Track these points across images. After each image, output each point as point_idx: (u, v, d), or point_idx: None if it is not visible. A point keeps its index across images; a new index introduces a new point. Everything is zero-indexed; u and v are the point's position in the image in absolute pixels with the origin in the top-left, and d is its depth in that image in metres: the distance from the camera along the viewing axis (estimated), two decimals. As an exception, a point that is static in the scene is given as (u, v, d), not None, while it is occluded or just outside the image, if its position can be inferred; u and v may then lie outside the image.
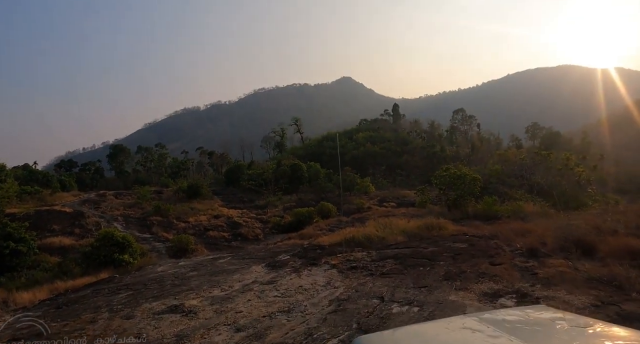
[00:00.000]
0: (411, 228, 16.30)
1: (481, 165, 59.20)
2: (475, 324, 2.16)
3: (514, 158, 56.40)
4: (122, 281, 11.72)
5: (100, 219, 31.81)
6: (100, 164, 78.43)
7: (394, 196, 44.96)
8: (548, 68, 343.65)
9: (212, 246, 25.45)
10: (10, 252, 20.84)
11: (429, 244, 12.33)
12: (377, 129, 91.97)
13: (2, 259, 20.71)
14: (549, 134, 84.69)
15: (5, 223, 22.97)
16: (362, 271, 9.74)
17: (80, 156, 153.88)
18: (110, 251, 18.83)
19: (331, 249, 13.18)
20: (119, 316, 7.57)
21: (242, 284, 9.52)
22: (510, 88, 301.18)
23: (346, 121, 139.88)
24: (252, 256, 14.68)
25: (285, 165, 54.57)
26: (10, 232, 21.61)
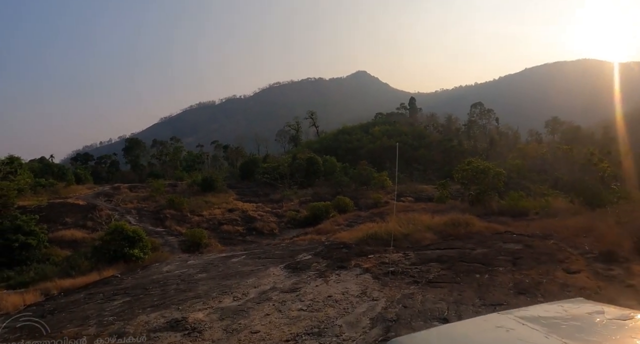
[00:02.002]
0: (436, 224, 15.26)
1: (500, 160, 57.09)
2: (511, 322, 2.09)
3: (534, 153, 55.26)
4: (121, 282, 10.39)
5: (113, 212, 31.01)
6: (116, 157, 78.19)
7: (412, 191, 43.38)
8: (567, 62, 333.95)
9: (226, 241, 24.54)
10: (19, 245, 20.39)
11: (476, 245, 10.68)
12: (394, 122, 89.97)
13: (12, 252, 20.24)
14: (570, 129, 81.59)
15: (15, 216, 22.59)
16: (403, 278, 8.19)
17: (97, 150, 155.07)
18: (121, 246, 17.92)
19: (358, 248, 11.62)
20: (108, 332, 6.15)
21: (258, 292, 8.04)
22: (528, 82, 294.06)
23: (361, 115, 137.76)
24: (268, 254, 13.14)
25: (300, 159, 53.39)
26: (20, 225, 21.19)
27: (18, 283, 16.91)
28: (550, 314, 2.27)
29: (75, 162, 72.40)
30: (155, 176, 55.93)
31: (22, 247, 20.47)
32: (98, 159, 76.31)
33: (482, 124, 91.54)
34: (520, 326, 2.03)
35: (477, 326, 2.20)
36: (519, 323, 2.07)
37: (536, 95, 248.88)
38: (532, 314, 2.25)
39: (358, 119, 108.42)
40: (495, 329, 2.04)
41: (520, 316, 2.19)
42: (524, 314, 2.25)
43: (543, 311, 2.34)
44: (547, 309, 2.39)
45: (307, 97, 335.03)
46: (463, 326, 2.40)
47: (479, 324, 2.24)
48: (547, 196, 23.51)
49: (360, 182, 44.69)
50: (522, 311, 2.37)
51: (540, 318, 2.17)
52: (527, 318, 2.16)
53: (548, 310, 2.37)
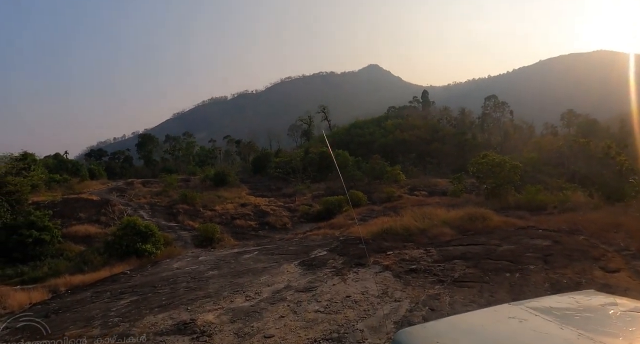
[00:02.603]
0: (452, 219, 14.88)
1: (515, 153, 56.15)
2: (523, 313, 2.06)
3: (550, 146, 54.47)
4: (130, 280, 10.04)
5: (126, 207, 30.94)
6: (129, 153, 78.53)
7: (425, 185, 42.85)
8: (582, 53, 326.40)
9: (239, 235, 24.30)
10: (33, 240, 20.28)
11: (500, 240, 10.07)
12: (406, 116, 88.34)
13: (26, 248, 20.17)
14: (586, 122, 79.63)
15: (29, 211, 22.60)
16: (427, 276, 7.65)
17: (110, 146, 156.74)
18: (133, 241, 17.89)
19: (376, 244, 11.09)
20: (112, 334, 5.76)
21: (271, 291, 7.59)
22: (543, 75, 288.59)
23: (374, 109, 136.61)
24: (282, 250, 12.69)
25: (313, 153, 53.02)
26: (33, 220, 21.18)
27: (32, 279, 16.94)
28: (563, 305, 2.24)
29: (89, 158, 72.90)
30: (168, 171, 56.00)
31: (36, 242, 20.37)
32: (112, 154, 76.67)
33: (496, 117, 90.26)
34: (533, 317, 2.01)
35: (490, 317, 2.16)
36: (532, 314, 2.05)
37: (551, 88, 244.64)
38: (543, 306, 2.21)
39: (370, 113, 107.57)
40: (508, 319, 2.02)
41: (532, 307, 2.17)
42: (536, 305, 2.22)
43: (555, 303, 2.30)
44: (559, 301, 2.35)
45: (318, 91, 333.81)
46: (474, 317, 2.34)
47: (491, 315, 2.19)
48: (565, 190, 22.76)
49: (373, 176, 44.31)
50: (533, 302, 2.32)
51: (552, 309, 2.14)
52: (539, 309, 2.13)
53: (560, 301, 2.33)
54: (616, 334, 1.81)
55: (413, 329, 2.20)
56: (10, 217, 21.58)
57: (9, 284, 15.83)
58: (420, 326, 2.24)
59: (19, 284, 15.30)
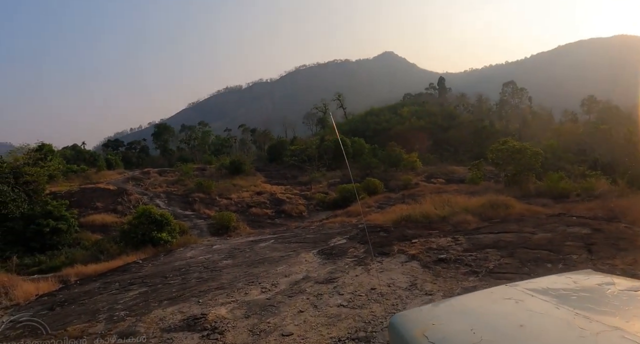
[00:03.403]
0: (473, 206, 14.53)
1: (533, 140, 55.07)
2: (519, 294, 2.04)
3: (570, 133, 54.04)
4: (141, 270, 9.63)
5: (142, 196, 30.93)
6: (146, 143, 79.01)
7: (442, 172, 42.52)
8: (603, 38, 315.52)
9: (255, 224, 24.06)
10: (50, 230, 20.36)
11: (534, 228, 9.35)
12: (422, 103, 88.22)
13: (43, 237, 20.24)
14: (606, 108, 77.48)
15: (46, 201, 22.65)
16: (458, 267, 7.01)
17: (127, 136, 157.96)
18: (148, 229, 17.76)
19: (399, 232, 10.47)
20: (116, 330, 5.29)
21: (289, 282, 7.05)
22: (562, 60, 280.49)
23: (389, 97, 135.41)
24: (299, 238, 12.15)
25: (328, 140, 52.40)
26: (50, 210, 21.29)
27: (49, 267, 16.95)
28: (559, 285, 2.20)
29: (106, 149, 73.48)
30: (184, 160, 56.18)
31: (53, 232, 20.45)
32: (128, 145, 77.28)
33: (514, 104, 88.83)
34: (530, 297, 2.00)
35: (485, 298, 2.13)
36: (528, 294, 2.04)
37: (570, 73, 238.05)
38: (540, 286, 2.18)
39: (386, 101, 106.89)
40: (503, 300, 2.01)
41: (529, 287, 2.14)
42: (532, 286, 2.18)
43: (551, 283, 2.25)
44: (556, 281, 2.30)
45: (333, 79, 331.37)
46: (470, 299, 2.28)
47: (487, 296, 2.15)
48: (588, 177, 22.19)
49: (390, 164, 43.91)
50: (529, 283, 2.27)
51: (549, 290, 2.11)
52: (536, 289, 2.10)
53: (556, 282, 2.28)
54: (613, 314, 1.77)
55: (409, 312, 2.17)
56: (27, 207, 21.56)
57: (27, 273, 15.85)
58: (417, 309, 2.21)
59: (37, 273, 15.32)
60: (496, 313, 1.92)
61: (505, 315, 1.87)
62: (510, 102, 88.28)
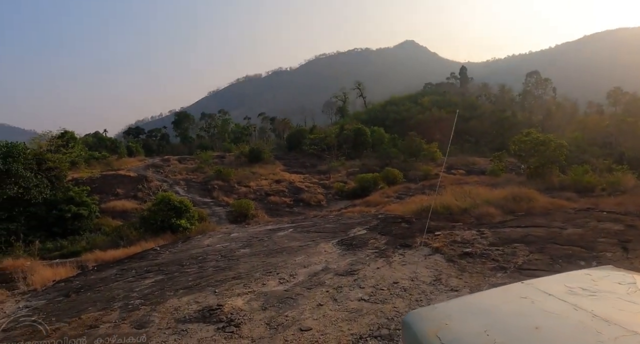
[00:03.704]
0: (495, 198, 14.11)
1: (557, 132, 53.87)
2: (535, 293, 2.00)
3: (595, 126, 52.72)
4: (158, 257, 9.53)
5: (162, 183, 31.18)
6: (166, 130, 79.83)
7: (463, 163, 42.10)
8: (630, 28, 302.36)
9: (273, 212, 24.04)
10: (72, 215, 20.66)
11: (564, 223, 8.89)
12: (443, 93, 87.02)
13: (65, 222, 20.58)
14: (634, 101, 74.82)
15: (67, 187, 22.96)
16: (484, 262, 6.66)
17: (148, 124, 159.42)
18: (167, 216, 17.80)
19: (421, 223, 10.11)
20: (130, 320, 5.15)
21: (308, 273, 6.80)
22: (588, 50, 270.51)
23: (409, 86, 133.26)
24: (318, 227, 11.92)
25: (348, 130, 52.03)
26: (72, 196, 21.61)
27: (71, 252, 17.18)
28: (577, 283, 2.12)
29: (127, 136, 74.47)
30: (203, 148, 56.51)
31: (75, 217, 20.76)
32: (149, 132, 78.14)
33: (538, 95, 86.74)
34: (546, 296, 1.94)
35: (501, 297, 2.07)
36: (544, 293, 1.98)
37: (596, 64, 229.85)
38: (557, 284, 2.11)
39: (406, 90, 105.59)
40: (519, 299, 1.95)
41: (545, 286, 2.09)
42: (549, 284, 2.13)
43: (569, 281, 2.18)
44: (574, 278, 2.24)
45: (353, 68, 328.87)
46: (485, 297, 2.22)
47: (503, 294, 2.11)
48: (614, 171, 21.79)
49: (409, 154, 43.63)
50: (546, 280, 2.22)
51: (566, 288, 2.03)
52: (553, 288, 2.04)
53: (574, 279, 2.21)
54: (633, 316, 1.70)
55: (423, 310, 2.15)
56: (50, 193, 21.88)
57: (49, 257, 16.11)
58: (431, 307, 2.17)
59: (58, 258, 15.55)
60: (511, 313, 1.86)
61: (520, 316, 1.82)
62: (533, 92, 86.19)
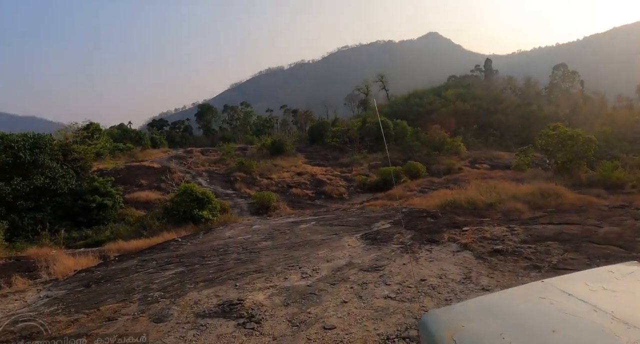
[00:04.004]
0: (522, 194, 13.80)
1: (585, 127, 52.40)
2: (555, 293, 1.91)
3: (625, 120, 51.82)
4: (179, 248, 9.45)
5: (185, 175, 31.44)
6: (189, 122, 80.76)
7: (487, 158, 41.25)
8: None
9: (295, 204, 23.91)
10: (96, 205, 20.93)
11: (599, 220, 8.40)
12: (468, 86, 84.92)
13: (90, 212, 20.86)
14: None
15: (92, 178, 23.31)
16: (517, 260, 6.30)
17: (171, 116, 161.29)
18: (190, 207, 17.89)
19: (447, 218, 9.76)
20: (148, 313, 5.02)
21: (331, 267, 6.57)
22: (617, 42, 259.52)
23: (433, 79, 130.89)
24: (341, 221, 11.66)
25: (370, 122, 51.45)
26: (97, 186, 21.87)
27: (95, 242, 17.44)
28: (599, 282, 2.00)
29: (151, 128, 75.47)
30: (226, 140, 56.88)
31: (99, 207, 21.05)
32: (172, 124, 79.14)
33: (565, 88, 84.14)
34: (566, 296, 1.86)
35: (519, 297, 1.96)
36: (564, 293, 1.90)
37: (626, 57, 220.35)
38: (578, 283, 2.01)
39: (429, 83, 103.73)
40: (538, 300, 1.87)
41: (565, 284, 1.99)
42: (570, 282, 2.02)
43: (591, 279, 2.05)
44: (595, 276, 2.11)
45: (376, 60, 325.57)
46: (503, 297, 2.08)
47: (521, 294, 1.99)
48: None
49: (433, 148, 43.25)
50: (567, 278, 2.09)
51: (587, 287, 1.94)
52: (573, 287, 1.94)
53: (596, 277, 2.08)
54: None
55: (439, 311, 2.05)
56: (75, 183, 22.31)
57: (74, 246, 16.36)
58: (448, 308, 2.11)
59: (83, 247, 15.78)
60: (529, 314, 1.81)
61: (538, 318, 1.77)
62: (560, 86, 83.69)
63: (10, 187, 19.67)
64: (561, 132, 21.87)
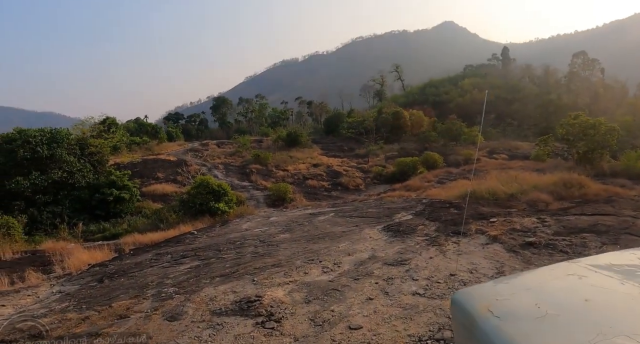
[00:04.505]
0: (545, 184, 13.63)
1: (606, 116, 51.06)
2: (582, 270, 1.96)
3: None
4: (195, 241, 9.22)
5: (201, 167, 31.46)
6: (205, 115, 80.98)
7: (505, 148, 40.48)
8: None
9: (311, 196, 23.71)
10: (114, 199, 21.04)
11: (635, 211, 7.88)
12: (485, 75, 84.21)
13: (107, 205, 20.98)
14: None
15: (109, 171, 23.39)
16: (551, 253, 5.86)
17: (187, 110, 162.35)
18: (206, 199, 17.86)
19: (472, 209, 9.30)
20: (162, 310, 4.74)
21: (353, 261, 6.22)
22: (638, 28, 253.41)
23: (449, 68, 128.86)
24: (360, 212, 11.29)
25: (386, 113, 50.78)
26: (114, 180, 21.95)
27: (112, 234, 17.53)
28: (623, 261, 2.06)
29: (167, 122, 75.91)
30: (241, 132, 56.87)
31: (117, 201, 21.16)
32: (188, 117, 79.48)
33: (585, 76, 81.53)
34: (593, 273, 1.91)
35: (548, 275, 2.02)
36: (591, 270, 1.94)
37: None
38: (603, 262, 2.05)
39: (445, 72, 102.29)
40: (566, 276, 1.92)
41: (592, 264, 2.02)
42: (595, 262, 2.06)
43: (614, 259, 2.10)
44: (619, 257, 2.16)
45: (391, 51, 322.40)
46: (532, 275, 2.22)
47: (549, 272, 2.05)
48: None
49: (450, 138, 42.62)
50: (592, 259, 2.18)
51: (612, 266, 1.99)
52: (599, 265, 1.99)
53: (620, 258, 2.13)
54: None
55: (471, 289, 2.14)
56: (92, 177, 22.42)
57: (92, 239, 16.44)
58: (478, 286, 2.18)
59: (101, 240, 15.88)
60: (560, 288, 1.84)
61: (570, 290, 1.80)
62: (580, 74, 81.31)
63: (29, 181, 19.86)
64: (583, 121, 21.32)
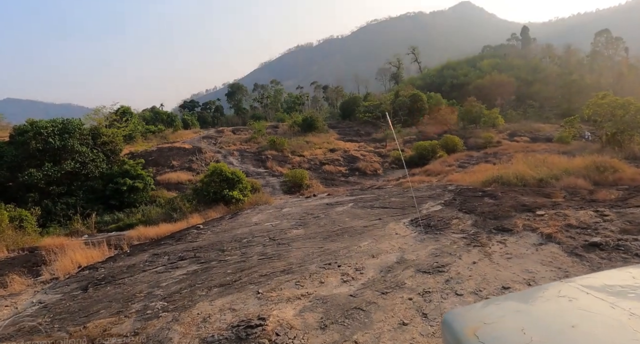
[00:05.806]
0: (576, 168, 12.84)
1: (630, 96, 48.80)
2: (574, 291, 1.94)
3: None
4: (198, 238, 8.35)
5: (216, 154, 30.93)
6: (220, 102, 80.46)
7: (526, 130, 39.37)
8: None
9: (328, 181, 23.01)
10: (127, 188, 20.61)
11: None
12: (504, 55, 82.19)
13: (121, 195, 20.58)
14: None
15: (123, 161, 23.11)
16: (626, 258, 4.73)
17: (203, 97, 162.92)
18: (220, 187, 17.34)
19: (511, 199, 8.15)
20: (145, 333, 3.78)
21: (379, 266, 5.18)
22: None
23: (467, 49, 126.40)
24: (382, 202, 10.22)
25: (403, 96, 49.28)
26: (127, 169, 21.47)
27: (126, 225, 17.28)
28: (617, 281, 2.02)
29: (183, 110, 75.85)
30: (257, 118, 56.22)
31: (131, 190, 20.75)
32: (203, 105, 79.29)
33: (608, 56, 78.64)
34: (584, 295, 1.89)
35: (539, 296, 2.02)
36: (583, 291, 1.93)
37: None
38: (597, 282, 2.03)
39: (463, 54, 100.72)
40: (557, 298, 1.91)
41: (584, 284, 2.01)
42: (588, 282, 2.04)
43: (608, 279, 2.08)
44: (613, 276, 2.12)
45: (406, 33, 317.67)
46: (523, 296, 2.17)
47: (541, 293, 2.04)
48: None
49: (469, 121, 41.95)
50: (586, 278, 2.10)
51: (605, 286, 1.97)
52: (592, 286, 1.97)
53: (614, 277, 2.10)
54: None
55: (462, 309, 2.09)
56: (106, 166, 22.12)
57: (105, 230, 16.08)
58: (470, 307, 2.10)
59: (115, 231, 15.64)
60: (548, 311, 1.80)
61: (558, 314, 1.75)
62: (603, 53, 78.28)
63: (42, 173, 19.65)
64: (611, 101, 20.57)
